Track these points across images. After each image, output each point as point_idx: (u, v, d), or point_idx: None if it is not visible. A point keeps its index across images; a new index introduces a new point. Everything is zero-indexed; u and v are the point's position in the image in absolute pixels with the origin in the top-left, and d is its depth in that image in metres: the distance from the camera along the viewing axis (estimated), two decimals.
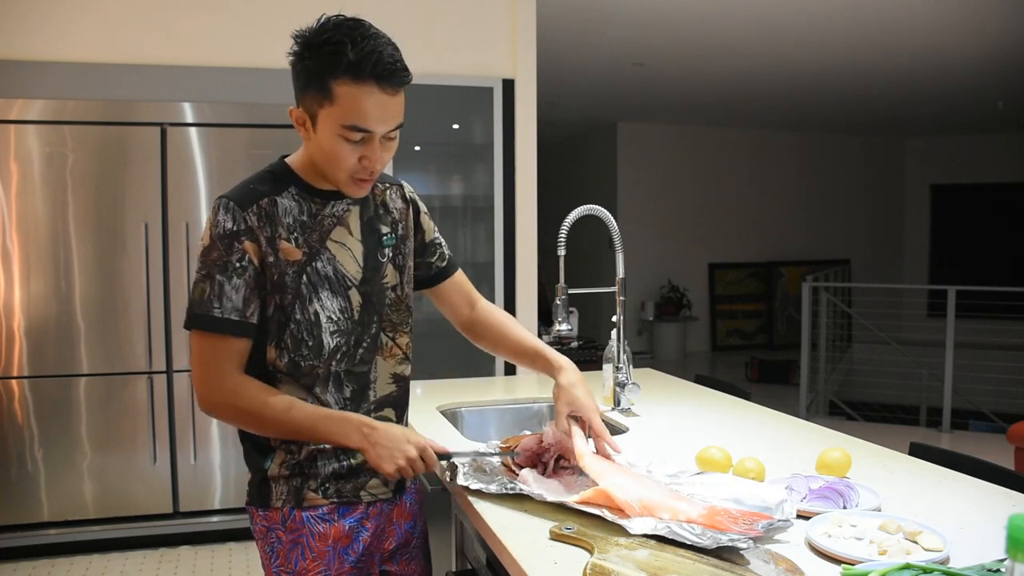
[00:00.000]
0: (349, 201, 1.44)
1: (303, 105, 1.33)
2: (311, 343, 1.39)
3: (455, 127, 4.19)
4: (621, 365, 2.17)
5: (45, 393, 3.48)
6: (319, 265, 1.39)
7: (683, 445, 1.80)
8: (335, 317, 1.40)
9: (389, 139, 1.35)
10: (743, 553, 1.15)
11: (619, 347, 2.19)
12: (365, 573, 1.47)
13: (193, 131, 3.57)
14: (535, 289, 4.23)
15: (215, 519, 3.65)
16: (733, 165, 10.12)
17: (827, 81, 7.11)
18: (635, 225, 9.18)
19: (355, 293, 1.42)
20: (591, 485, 1.36)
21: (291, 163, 1.43)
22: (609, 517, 1.26)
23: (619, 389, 2.14)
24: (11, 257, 3.42)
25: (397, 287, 1.50)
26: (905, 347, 7.40)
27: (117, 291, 3.52)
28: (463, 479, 1.48)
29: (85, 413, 3.51)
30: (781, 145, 10.33)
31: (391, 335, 1.49)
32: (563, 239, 2.12)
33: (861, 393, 7.81)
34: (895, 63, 6.40)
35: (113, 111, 3.50)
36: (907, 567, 1.07)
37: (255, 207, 1.35)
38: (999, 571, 1.04)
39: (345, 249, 1.42)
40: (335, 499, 1.42)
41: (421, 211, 1.60)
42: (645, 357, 9.37)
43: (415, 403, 1.59)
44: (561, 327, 2.14)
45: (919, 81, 7.08)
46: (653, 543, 1.18)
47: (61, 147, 3.44)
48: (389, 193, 1.53)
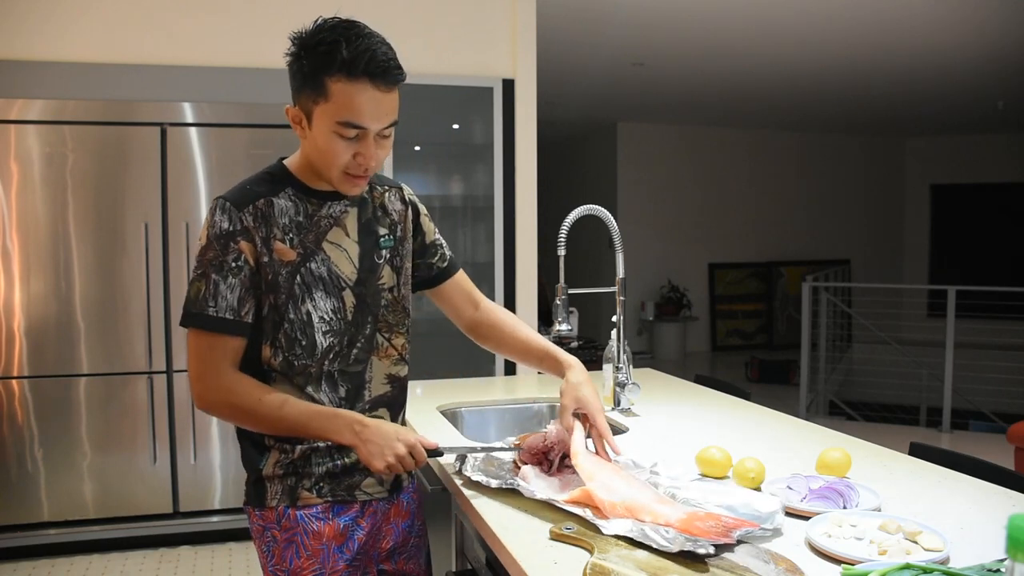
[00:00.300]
0: (347, 202, 1.45)
1: (299, 104, 1.36)
2: (304, 342, 1.39)
3: (455, 127, 4.19)
4: (621, 365, 2.17)
5: (45, 393, 3.48)
6: (313, 266, 1.40)
7: (683, 445, 1.80)
8: (327, 317, 1.41)
9: (384, 137, 1.36)
10: (743, 553, 1.15)
11: (619, 347, 2.19)
12: (361, 572, 1.47)
13: (193, 131, 3.57)
14: (535, 289, 4.23)
15: (215, 519, 3.65)
16: (733, 165, 10.12)
17: (827, 81, 7.11)
18: (635, 225, 9.17)
19: (349, 294, 1.43)
20: None
21: (289, 164, 1.45)
22: (589, 517, 1.28)
23: (619, 389, 2.14)
24: (11, 257, 3.42)
25: (394, 288, 1.50)
26: (905, 347, 7.40)
27: (117, 291, 3.52)
28: (470, 471, 1.50)
29: (85, 413, 3.51)
30: (781, 145, 10.33)
31: (387, 336, 1.49)
32: (563, 239, 2.12)
33: (861, 393, 7.81)
34: (895, 63, 6.40)
35: (113, 111, 3.51)
36: (907, 567, 1.07)
37: (251, 207, 1.36)
38: (999, 571, 1.04)
39: (340, 250, 1.43)
40: (329, 498, 1.43)
41: (421, 213, 1.60)
42: (645, 357, 9.37)
43: (415, 403, 1.59)
44: (561, 327, 2.14)
45: (919, 81, 7.08)
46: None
47: (61, 147, 3.44)
48: (388, 195, 1.54)
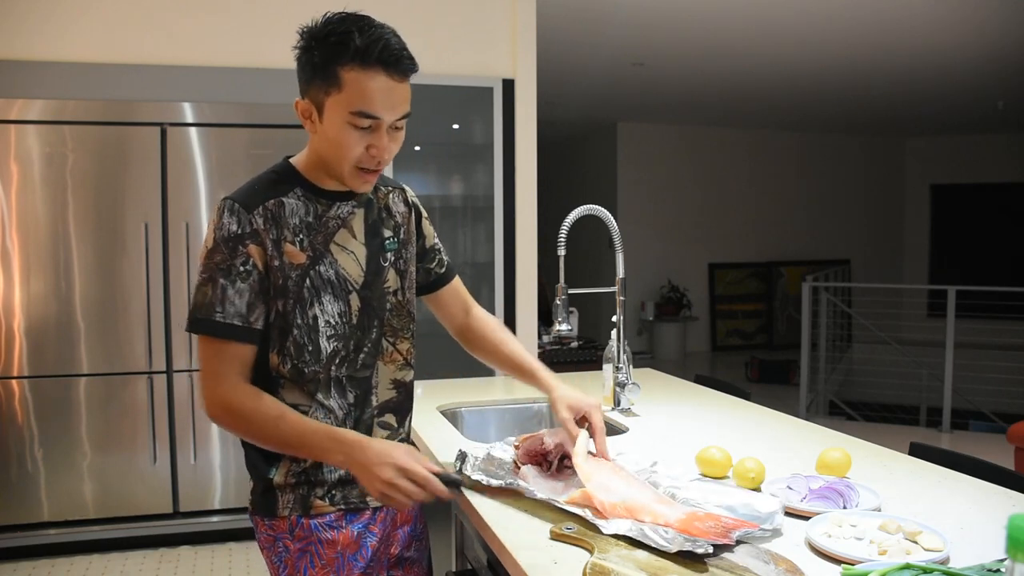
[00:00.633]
0: (354, 203, 1.43)
1: (309, 96, 1.33)
2: (311, 348, 1.37)
3: (455, 127, 4.19)
4: (621, 365, 2.17)
5: (45, 393, 3.48)
6: (322, 268, 1.37)
7: (683, 445, 1.80)
8: (333, 321, 1.38)
9: (396, 128, 1.34)
10: (743, 553, 1.15)
11: (619, 347, 2.19)
12: None
13: (193, 131, 3.57)
14: (535, 289, 4.22)
15: (215, 519, 3.65)
16: (733, 165, 10.12)
17: (827, 81, 7.11)
18: (635, 225, 9.17)
19: (355, 297, 1.41)
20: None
21: (296, 163, 1.42)
22: (589, 517, 1.28)
23: (619, 389, 2.14)
24: (11, 257, 3.42)
25: (398, 292, 1.48)
26: (905, 347, 7.40)
27: (117, 291, 3.52)
28: (470, 470, 1.50)
29: (85, 413, 3.51)
30: (781, 145, 10.32)
31: (391, 340, 1.47)
32: (563, 239, 2.12)
33: (861, 393, 7.81)
34: (895, 63, 6.40)
35: (113, 111, 3.50)
36: (907, 567, 1.07)
37: (261, 209, 1.33)
38: (999, 571, 1.04)
39: (348, 253, 1.41)
40: (342, 506, 1.41)
41: (423, 216, 1.59)
42: (645, 357, 9.37)
43: (415, 403, 1.59)
44: (561, 327, 2.14)
45: (919, 81, 7.08)
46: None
47: (61, 147, 3.44)
48: (392, 196, 1.52)
